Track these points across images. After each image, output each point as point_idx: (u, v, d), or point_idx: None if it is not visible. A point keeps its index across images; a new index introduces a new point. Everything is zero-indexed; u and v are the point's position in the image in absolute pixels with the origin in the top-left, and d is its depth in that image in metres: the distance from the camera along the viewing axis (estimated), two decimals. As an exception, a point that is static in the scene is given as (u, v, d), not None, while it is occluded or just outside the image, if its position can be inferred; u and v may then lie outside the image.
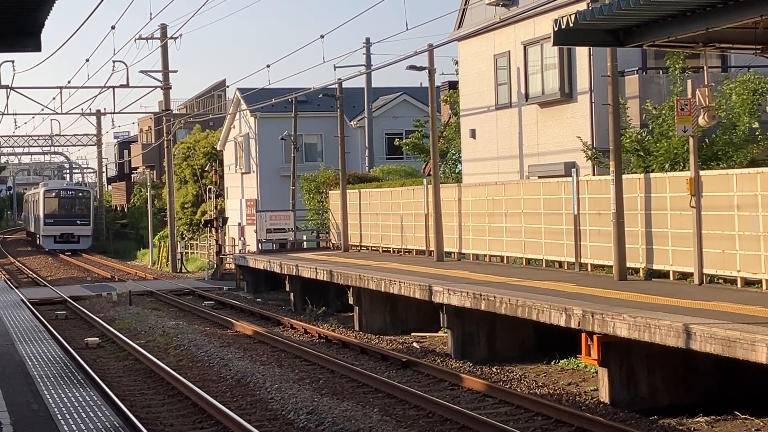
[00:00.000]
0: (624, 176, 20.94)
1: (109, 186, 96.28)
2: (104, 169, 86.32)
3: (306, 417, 15.30)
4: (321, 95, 45.15)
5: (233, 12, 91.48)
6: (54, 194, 70.48)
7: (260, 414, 15.96)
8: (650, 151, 22.03)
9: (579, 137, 24.59)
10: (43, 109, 58.93)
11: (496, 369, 19.72)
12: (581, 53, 25.29)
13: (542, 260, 24.61)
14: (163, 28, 50.29)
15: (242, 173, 55.06)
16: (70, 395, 15.07)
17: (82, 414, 13.69)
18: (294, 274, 30.63)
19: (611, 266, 21.20)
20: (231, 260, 42.47)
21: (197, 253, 56.10)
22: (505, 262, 26.25)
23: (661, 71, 24.46)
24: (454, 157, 37.15)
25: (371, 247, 34.44)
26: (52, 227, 68.84)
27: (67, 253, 66.15)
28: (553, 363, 20.16)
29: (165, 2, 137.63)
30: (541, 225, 24.42)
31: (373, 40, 54.96)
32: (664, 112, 21.88)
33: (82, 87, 58.64)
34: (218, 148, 60.16)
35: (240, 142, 55.31)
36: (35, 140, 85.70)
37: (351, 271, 26.60)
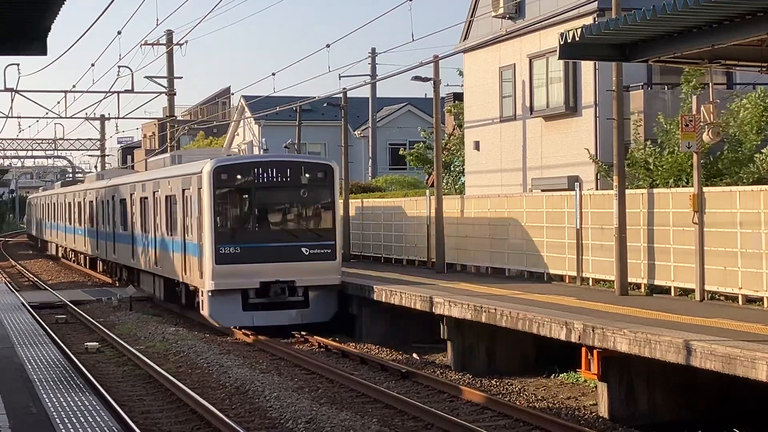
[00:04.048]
0: (627, 191, 20.93)
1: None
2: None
3: (304, 426, 15.27)
4: (325, 104, 45.22)
5: (239, 19, 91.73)
6: (240, 178, 26.03)
7: (259, 422, 15.92)
8: (656, 165, 22.01)
9: (587, 149, 24.60)
10: (47, 113, 58.33)
11: (496, 381, 19.69)
12: (586, 67, 25.31)
13: (544, 274, 24.60)
14: (169, 34, 50.32)
15: (245, 181, 55.04)
16: (69, 400, 15.04)
17: (81, 419, 13.66)
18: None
19: (613, 281, 21.19)
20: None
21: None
22: (507, 274, 26.23)
23: (666, 87, 24.47)
24: (457, 168, 37.14)
25: (372, 257, 34.42)
26: (238, 269, 25.63)
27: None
28: (552, 377, 20.12)
29: (172, 8, 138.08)
30: (543, 238, 24.41)
31: (379, 51, 55.21)
32: (671, 128, 21.87)
33: (87, 91, 58.41)
34: (222, 155, 60.20)
35: (244, 150, 55.39)
36: (39, 144, 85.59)
37: (352, 280, 26.59)
